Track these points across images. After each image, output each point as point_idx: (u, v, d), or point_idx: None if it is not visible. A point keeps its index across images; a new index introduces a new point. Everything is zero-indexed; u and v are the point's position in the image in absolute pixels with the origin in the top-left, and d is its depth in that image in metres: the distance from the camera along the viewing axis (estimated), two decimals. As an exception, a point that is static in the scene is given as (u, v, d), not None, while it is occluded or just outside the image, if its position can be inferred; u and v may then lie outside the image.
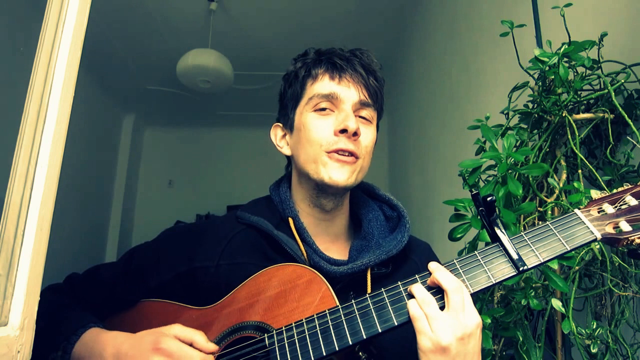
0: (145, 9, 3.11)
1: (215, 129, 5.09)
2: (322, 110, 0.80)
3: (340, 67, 0.81)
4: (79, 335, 0.71)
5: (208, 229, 0.86)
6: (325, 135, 0.78)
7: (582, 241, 0.64)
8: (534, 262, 0.64)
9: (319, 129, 0.79)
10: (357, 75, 0.81)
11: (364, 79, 0.81)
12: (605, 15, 1.22)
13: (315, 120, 0.80)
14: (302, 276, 0.72)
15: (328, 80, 0.81)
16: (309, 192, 0.84)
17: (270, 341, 0.67)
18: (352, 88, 0.80)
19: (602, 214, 0.66)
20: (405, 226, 0.84)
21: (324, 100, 0.80)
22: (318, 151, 0.78)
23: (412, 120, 3.46)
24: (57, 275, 0.86)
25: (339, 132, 0.77)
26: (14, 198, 0.48)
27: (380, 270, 0.80)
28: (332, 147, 0.77)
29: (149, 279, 0.82)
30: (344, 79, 0.80)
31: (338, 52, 0.84)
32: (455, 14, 2.42)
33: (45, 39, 0.54)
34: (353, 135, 0.78)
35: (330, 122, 0.79)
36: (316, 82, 0.82)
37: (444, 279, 0.63)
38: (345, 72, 0.80)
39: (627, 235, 0.62)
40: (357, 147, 0.79)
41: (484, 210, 0.67)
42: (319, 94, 0.80)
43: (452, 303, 0.61)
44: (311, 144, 0.79)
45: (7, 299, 0.47)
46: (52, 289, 0.85)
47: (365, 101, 0.81)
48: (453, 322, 0.60)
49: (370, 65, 0.83)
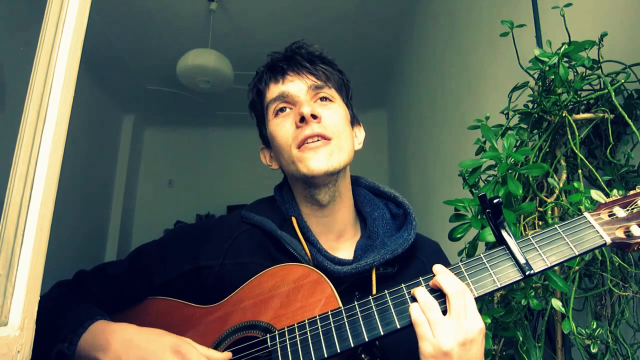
0: (145, 9, 3.11)
1: (215, 129, 5.08)
2: (281, 111, 0.83)
3: (280, 69, 0.84)
4: (86, 328, 0.71)
5: (213, 228, 0.86)
6: (287, 130, 0.80)
7: (590, 246, 0.62)
8: (541, 266, 0.62)
9: (282, 129, 0.81)
10: (298, 67, 0.83)
11: (307, 68, 0.83)
12: (605, 15, 1.22)
13: (277, 123, 0.82)
14: (306, 276, 0.72)
15: (273, 85, 0.84)
16: (302, 191, 0.84)
17: (273, 342, 0.67)
18: (296, 81, 0.82)
19: (612, 217, 0.64)
20: (412, 224, 0.83)
21: (278, 102, 0.83)
22: (289, 150, 0.79)
23: (412, 120, 3.46)
24: (57, 275, 0.86)
25: (299, 122, 0.79)
26: (14, 198, 0.48)
27: (385, 269, 0.79)
28: (298, 139, 0.78)
29: (154, 277, 0.83)
30: (287, 78, 0.83)
31: (277, 57, 0.87)
32: (455, 14, 2.42)
33: (45, 39, 0.54)
34: (314, 119, 0.78)
35: (290, 118, 0.81)
36: (267, 92, 0.86)
37: (447, 283, 0.62)
38: (285, 71, 0.83)
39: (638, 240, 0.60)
40: (323, 129, 0.79)
41: (490, 213, 0.66)
42: (271, 100, 0.84)
43: (454, 307, 0.60)
44: (282, 146, 0.81)
45: (7, 299, 0.47)
46: (61, 284, 0.86)
47: (316, 84, 0.82)
48: (455, 327, 0.59)
49: (312, 53, 0.86)
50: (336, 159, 0.78)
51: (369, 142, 1.03)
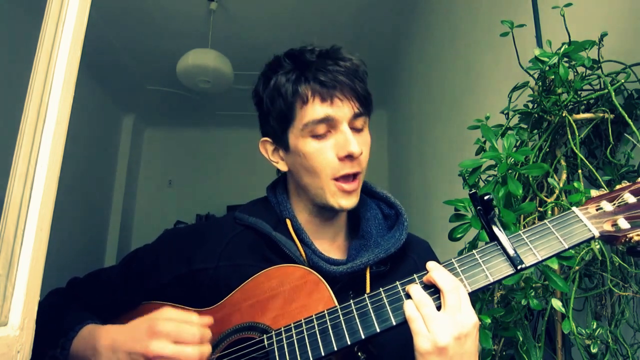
0: (145, 9, 3.11)
1: (215, 129, 5.09)
2: (322, 137, 0.77)
3: (330, 85, 0.75)
4: (77, 332, 0.71)
5: (207, 231, 0.86)
6: (329, 161, 0.76)
7: (580, 239, 0.64)
8: (532, 260, 0.64)
9: (321, 156, 0.76)
10: (347, 88, 0.76)
11: (353, 90, 0.76)
12: (605, 15, 1.22)
13: (315, 147, 0.76)
14: (301, 277, 0.72)
15: (320, 103, 0.75)
16: (309, 206, 0.84)
17: (269, 342, 0.67)
18: (345, 106, 0.76)
19: (600, 211, 0.66)
20: (404, 224, 0.84)
21: (321, 125, 0.76)
22: (325, 179, 0.77)
23: (412, 120, 3.46)
24: (57, 275, 0.86)
25: (344, 158, 0.75)
26: (14, 198, 0.48)
27: (379, 268, 0.80)
28: (338, 173, 0.76)
29: (149, 281, 0.82)
30: (335, 99, 0.75)
31: (320, 65, 0.76)
32: (455, 14, 2.42)
33: (45, 39, 0.54)
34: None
35: (330, 145, 0.76)
36: (306, 106, 0.76)
37: (441, 279, 0.63)
38: (335, 90, 0.75)
39: (626, 233, 0.62)
40: (360, 166, 0.78)
41: (481, 209, 0.67)
42: (314, 120, 0.75)
43: (449, 302, 0.61)
44: (316, 173, 0.77)
45: (7, 299, 0.47)
46: (55, 292, 0.86)
47: (358, 112, 0.77)
48: (450, 321, 0.60)
49: (355, 70, 0.78)
50: (359, 193, 0.81)
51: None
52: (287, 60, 0.80)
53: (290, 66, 0.79)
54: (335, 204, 0.78)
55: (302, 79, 0.76)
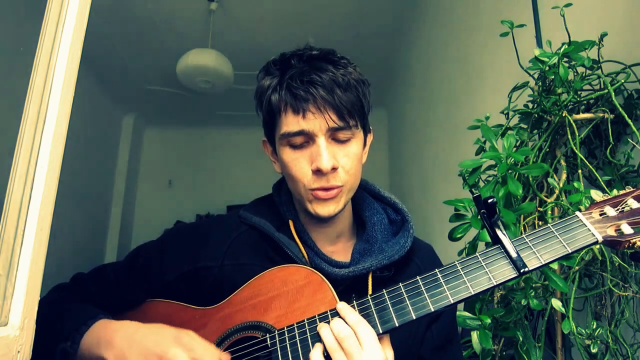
0: (146, 9, 3.11)
1: (215, 129, 5.08)
2: (298, 147, 0.75)
3: (302, 98, 0.72)
4: (89, 326, 0.71)
5: (211, 229, 0.86)
6: (304, 173, 0.75)
7: (583, 243, 0.64)
8: (535, 264, 0.64)
9: (297, 167, 0.75)
10: (321, 100, 0.72)
11: (329, 103, 0.72)
12: (605, 15, 1.22)
13: (292, 157, 0.76)
14: (305, 277, 0.72)
15: (292, 116, 0.73)
16: (302, 210, 0.83)
17: (272, 341, 0.67)
18: (317, 118, 0.72)
19: (603, 216, 0.66)
20: (409, 231, 0.83)
21: (295, 137, 0.74)
22: (302, 187, 0.76)
23: (412, 120, 3.46)
24: (57, 275, 0.86)
25: (316, 171, 0.74)
26: (14, 198, 0.48)
27: (382, 273, 0.80)
28: (312, 185, 0.75)
29: (153, 278, 0.82)
30: (308, 113, 0.72)
31: (297, 75, 0.73)
32: (455, 14, 2.42)
33: (45, 39, 0.54)
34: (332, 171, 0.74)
35: (306, 156, 0.75)
36: (281, 117, 0.75)
37: (338, 329, 0.63)
38: (307, 103, 0.72)
39: (629, 238, 0.62)
40: (337, 179, 0.75)
41: (485, 212, 0.67)
42: (289, 132, 0.74)
43: (348, 349, 0.61)
44: (294, 181, 0.77)
45: (7, 299, 0.47)
46: (59, 287, 0.85)
47: (336, 126, 0.73)
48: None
49: (335, 80, 0.73)
50: (343, 202, 0.78)
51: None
52: (274, 65, 0.79)
53: (274, 72, 0.78)
54: (312, 211, 0.77)
55: (278, 88, 0.75)
